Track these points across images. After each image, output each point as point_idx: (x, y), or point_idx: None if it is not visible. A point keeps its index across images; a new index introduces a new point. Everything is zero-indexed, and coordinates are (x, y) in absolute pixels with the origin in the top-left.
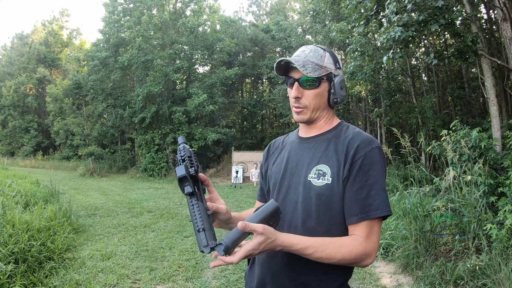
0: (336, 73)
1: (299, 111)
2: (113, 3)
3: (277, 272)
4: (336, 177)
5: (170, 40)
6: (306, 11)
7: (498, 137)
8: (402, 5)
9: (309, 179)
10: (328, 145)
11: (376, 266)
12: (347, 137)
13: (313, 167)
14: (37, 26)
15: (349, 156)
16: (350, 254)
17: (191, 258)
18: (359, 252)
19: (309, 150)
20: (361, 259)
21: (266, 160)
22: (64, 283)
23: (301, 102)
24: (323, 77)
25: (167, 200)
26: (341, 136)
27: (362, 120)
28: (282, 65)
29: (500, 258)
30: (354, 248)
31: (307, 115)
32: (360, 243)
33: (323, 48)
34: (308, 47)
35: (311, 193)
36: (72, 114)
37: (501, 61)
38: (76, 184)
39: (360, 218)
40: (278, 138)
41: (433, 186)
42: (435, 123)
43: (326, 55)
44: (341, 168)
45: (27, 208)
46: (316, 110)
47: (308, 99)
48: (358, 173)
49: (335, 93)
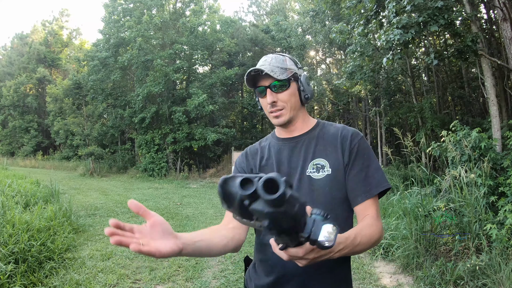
0: (300, 72)
1: (278, 115)
2: (113, 4)
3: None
4: (337, 166)
5: (170, 40)
6: (306, 11)
7: (498, 137)
8: (401, 6)
9: (309, 174)
10: (318, 141)
11: (376, 266)
12: (336, 131)
13: (309, 162)
14: (37, 26)
15: (346, 145)
16: (376, 231)
17: (191, 258)
18: (380, 228)
19: (298, 149)
20: (381, 234)
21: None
22: (64, 283)
23: (278, 105)
24: (291, 78)
25: (167, 200)
26: (328, 132)
27: (362, 120)
28: (251, 77)
29: (500, 258)
30: (376, 225)
31: (287, 116)
32: (376, 220)
33: (281, 54)
34: (269, 56)
35: (313, 187)
36: (72, 114)
37: (501, 61)
38: (76, 184)
39: (364, 196)
40: (252, 146)
41: (434, 186)
42: (433, 123)
43: (286, 58)
44: (341, 157)
45: (27, 208)
46: (293, 109)
47: (284, 101)
48: (356, 157)
49: (305, 89)
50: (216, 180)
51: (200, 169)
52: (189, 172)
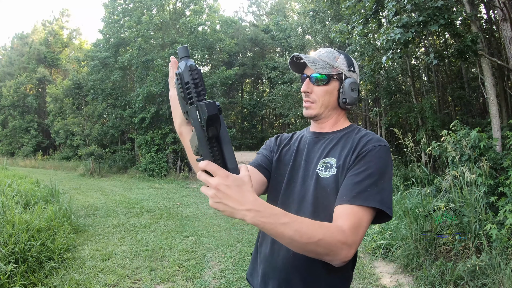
0: (349, 75)
1: (307, 106)
2: (112, 4)
3: (280, 267)
4: (342, 167)
5: (170, 40)
6: (306, 11)
7: (498, 137)
8: (401, 5)
9: (317, 171)
10: (339, 140)
11: (376, 266)
12: (360, 135)
13: (321, 160)
14: (37, 26)
15: (357, 148)
16: (331, 236)
17: (191, 258)
18: (341, 239)
19: (319, 145)
20: (341, 247)
21: (276, 145)
22: (64, 283)
23: (310, 97)
24: (333, 76)
25: (167, 200)
26: (354, 135)
27: (362, 120)
28: (299, 63)
29: (500, 258)
30: (337, 232)
31: (315, 110)
32: (344, 230)
33: (339, 51)
34: (325, 48)
35: (318, 185)
36: (72, 114)
37: (501, 61)
38: (76, 184)
39: (346, 200)
40: (286, 134)
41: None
42: (433, 123)
43: (340, 57)
44: (348, 158)
45: (27, 208)
46: (325, 107)
47: (317, 95)
48: (361, 161)
49: (344, 93)
50: None
51: None
52: (189, 172)
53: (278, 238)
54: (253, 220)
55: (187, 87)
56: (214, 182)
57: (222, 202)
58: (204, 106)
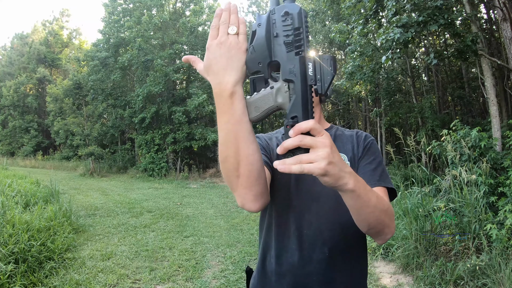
0: None
1: None
2: (112, 4)
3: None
4: (353, 159)
5: (170, 40)
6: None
7: (498, 137)
8: (401, 5)
9: None
10: (335, 139)
11: (376, 266)
12: (351, 133)
13: None
14: (37, 26)
15: (360, 141)
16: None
17: (191, 258)
18: (391, 210)
19: None
20: (391, 219)
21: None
22: (64, 283)
23: None
24: None
25: (167, 200)
26: (343, 133)
27: (362, 120)
28: None
29: (500, 258)
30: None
31: None
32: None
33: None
34: None
35: None
36: (72, 114)
37: (501, 61)
38: (76, 184)
39: (377, 183)
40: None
41: (434, 186)
42: (433, 123)
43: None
44: (356, 152)
45: (27, 208)
46: None
47: None
48: (368, 152)
49: None
50: (217, 180)
51: (200, 169)
52: (189, 172)
53: (364, 205)
54: (354, 184)
55: (298, 33)
56: (328, 141)
57: (334, 162)
58: (330, 60)
